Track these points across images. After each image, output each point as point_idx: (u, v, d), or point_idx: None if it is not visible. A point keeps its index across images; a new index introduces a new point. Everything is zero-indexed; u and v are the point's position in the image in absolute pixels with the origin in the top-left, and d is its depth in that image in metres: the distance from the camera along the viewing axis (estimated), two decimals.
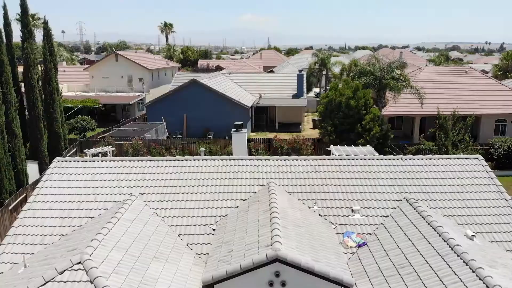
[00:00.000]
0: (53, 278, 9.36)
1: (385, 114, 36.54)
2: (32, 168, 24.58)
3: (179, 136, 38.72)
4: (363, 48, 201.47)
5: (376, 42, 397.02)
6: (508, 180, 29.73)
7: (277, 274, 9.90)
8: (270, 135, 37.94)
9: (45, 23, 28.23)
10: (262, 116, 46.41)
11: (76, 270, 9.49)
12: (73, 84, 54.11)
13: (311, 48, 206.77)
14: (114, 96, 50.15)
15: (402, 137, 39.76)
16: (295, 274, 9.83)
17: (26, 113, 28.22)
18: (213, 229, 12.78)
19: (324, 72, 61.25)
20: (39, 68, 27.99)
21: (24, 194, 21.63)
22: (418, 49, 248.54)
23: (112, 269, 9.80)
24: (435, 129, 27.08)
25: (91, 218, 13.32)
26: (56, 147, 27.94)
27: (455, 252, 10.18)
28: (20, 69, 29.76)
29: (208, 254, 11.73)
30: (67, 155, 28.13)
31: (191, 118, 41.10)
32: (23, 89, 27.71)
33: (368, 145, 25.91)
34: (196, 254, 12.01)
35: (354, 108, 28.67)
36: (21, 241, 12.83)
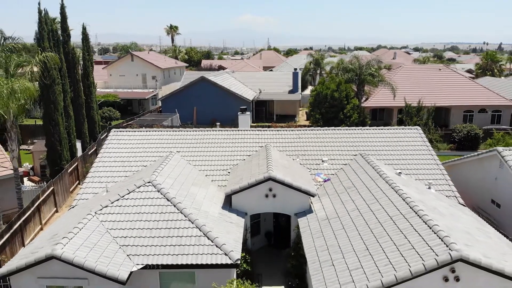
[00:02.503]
0: (134, 190, 15.43)
1: (367, 106, 42.64)
2: (77, 145, 30.65)
3: (190, 125, 44.76)
4: (360, 48, 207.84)
5: (377, 43, 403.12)
6: None
7: (270, 189, 16.02)
8: (269, 125, 43.92)
9: (84, 28, 34.29)
10: (262, 109, 52.48)
11: (147, 186, 15.58)
12: None
13: (311, 48, 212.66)
14: (131, 91, 56.30)
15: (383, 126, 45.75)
16: (282, 189, 15.94)
17: None
18: (228, 172, 18.91)
19: (318, 71, 67.24)
20: None
21: (76, 163, 27.75)
22: (417, 49, 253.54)
23: (169, 186, 15.87)
24: (403, 115, 33.08)
25: (145, 166, 19.43)
26: (92, 131, 34.06)
27: (383, 178, 16.23)
28: None
29: (225, 186, 17.81)
30: (101, 138, 34.20)
31: (200, 110, 47.11)
32: None
33: None
34: (218, 185, 18.13)
35: (338, 99, 34.69)
36: (97, 180, 18.93)
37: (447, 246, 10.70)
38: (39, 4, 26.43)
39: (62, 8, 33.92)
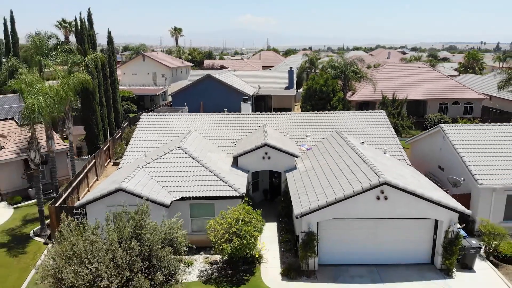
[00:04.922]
0: (168, 152, 21.41)
1: (353, 99, 48.58)
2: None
3: None
4: (358, 48, 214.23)
5: (376, 43, 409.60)
6: None
7: (266, 153, 22.02)
8: None
9: (109, 32, 40.32)
10: (261, 104, 58.46)
11: (178, 150, 21.57)
12: None
13: (310, 49, 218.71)
14: (143, 88, 62.44)
15: None
16: (274, 152, 21.94)
17: None
18: (235, 144, 24.92)
19: (313, 70, 73.14)
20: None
21: (108, 144, 33.74)
22: (414, 49, 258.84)
23: (192, 151, 21.86)
24: (379, 105, 39.09)
25: (171, 140, 25.40)
26: (117, 119, 40.07)
27: (348, 144, 22.20)
28: None
29: (232, 153, 23.79)
30: (124, 126, 40.19)
31: (205, 104, 53.02)
32: None
33: None
34: (227, 153, 24.14)
35: (325, 92, 40.63)
36: (135, 150, 24.90)
37: (378, 177, 16.68)
38: (80, 13, 32.47)
39: (89, 15, 39.82)
